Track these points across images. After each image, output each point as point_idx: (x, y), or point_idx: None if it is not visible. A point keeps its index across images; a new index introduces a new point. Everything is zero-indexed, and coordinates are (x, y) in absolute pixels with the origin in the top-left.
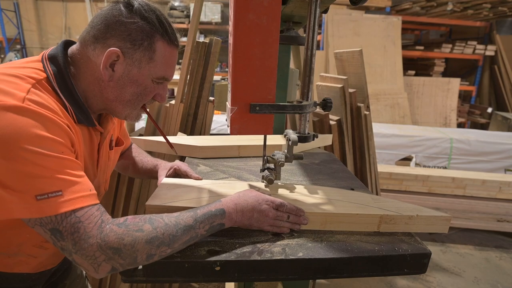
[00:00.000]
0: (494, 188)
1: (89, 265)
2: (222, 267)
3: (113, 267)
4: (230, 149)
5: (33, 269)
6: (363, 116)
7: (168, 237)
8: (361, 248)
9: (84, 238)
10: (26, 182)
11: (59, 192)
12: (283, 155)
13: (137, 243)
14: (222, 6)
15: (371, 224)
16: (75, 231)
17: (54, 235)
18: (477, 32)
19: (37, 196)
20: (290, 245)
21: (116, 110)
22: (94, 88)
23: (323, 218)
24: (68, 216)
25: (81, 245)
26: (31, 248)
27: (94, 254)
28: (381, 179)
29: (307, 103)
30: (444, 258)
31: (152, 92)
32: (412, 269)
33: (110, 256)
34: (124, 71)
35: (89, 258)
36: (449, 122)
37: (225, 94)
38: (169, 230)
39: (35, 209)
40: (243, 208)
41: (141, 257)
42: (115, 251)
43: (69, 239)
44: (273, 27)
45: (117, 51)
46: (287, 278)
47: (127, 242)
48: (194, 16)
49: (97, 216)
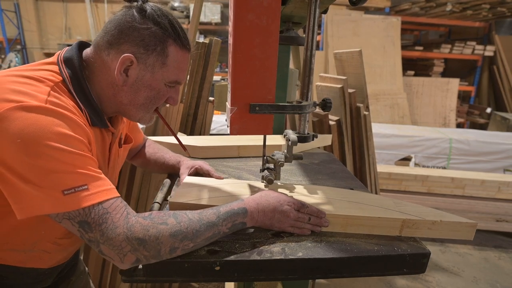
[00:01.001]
0: (493, 188)
1: (115, 255)
2: (222, 267)
3: (138, 258)
4: (230, 149)
5: (46, 264)
6: (362, 116)
7: (192, 232)
8: (360, 248)
9: (112, 228)
10: (52, 178)
11: (84, 186)
12: (282, 155)
13: (161, 236)
14: (221, 7)
15: (393, 228)
16: (103, 222)
17: (83, 228)
18: (476, 33)
19: (64, 191)
20: (289, 245)
21: (129, 113)
22: (108, 91)
23: (344, 221)
24: (96, 208)
25: (109, 235)
26: (46, 244)
27: (120, 244)
28: (380, 179)
29: (306, 103)
30: (443, 258)
31: (165, 95)
32: (412, 269)
33: (135, 247)
34: (138, 76)
35: (115, 248)
36: (448, 122)
37: (225, 94)
38: (193, 225)
39: (63, 204)
40: (264, 208)
41: (165, 249)
42: (140, 242)
43: (97, 230)
44: (273, 27)
45: (131, 57)
46: (286, 278)
47: (152, 233)
48: (194, 16)
49: (122, 207)
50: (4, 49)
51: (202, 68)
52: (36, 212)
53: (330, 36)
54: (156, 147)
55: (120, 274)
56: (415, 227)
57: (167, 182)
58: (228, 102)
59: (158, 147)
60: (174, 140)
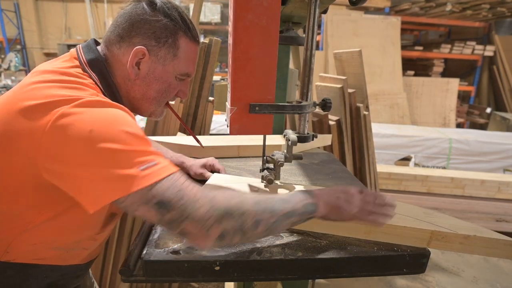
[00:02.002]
0: (493, 188)
1: (200, 230)
2: (222, 267)
3: (223, 232)
4: (230, 149)
5: (83, 260)
6: (362, 116)
7: (270, 204)
8: (360, 248)
9: (192, 201)
10: (128, 158)
11: (154, 161)
12: (282, 155)
13: (244, 204)
14: (221, 7)
15: (420, 239)
16: (181, 198)
17: (161, 209)
18: (476, 33)
19: (140, 167)
20: (289, 245)
21: (142, 108)
22: (123, 90)
23: (368, 227)
24: (171, 186)
25: (191, 209)
26: (86, 242)
27: (204, 216)
28: (380, 179)
29: (306, 103)
30: (443, 258)
31: (175, 88)
32: (411, 269)
33: (219, 218)
34: (150, 69)
35: (199, 222)
36: (448, 122)
37: (224, 94)
38: (269, 200)
39: (143, 180)
40: (326, 190)
41: (249, 221)
42: (224, 212)
43: (177, 207)
44: (273, 28)
45: (143, 49)
46: (286, 278)
47: (234, 202)
48: (194, 16)
49: (195, 185)
50: (4, 49)
51: (202, 68)
52: (112, 197)
53: (330, 36)
54: (156, 146)
55: (120, 274)
56: (445, 240)
57: None
58: (228, 102)
59: (157, 146)
60: (174, 140)
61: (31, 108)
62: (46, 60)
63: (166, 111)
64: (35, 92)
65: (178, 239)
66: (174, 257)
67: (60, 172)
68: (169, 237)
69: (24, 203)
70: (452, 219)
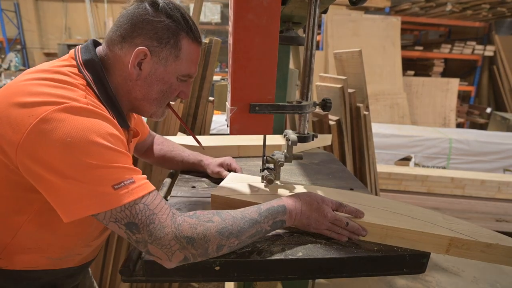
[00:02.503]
0: (493, 188)
1: (163, 254)
2: (222, 267)
3: (186, 256)
4: (230, 149)
5: (77, 263)
6: (362, 116)
7: (236, 229)
8: (360, 248)
9: (160, 228)
10: (102, 174)
11: (131, 179)
12: (282, 155)
13: (209, 233)
14: (221, 7)
15: (438, 245)
16: (150, 222)
17: (130, 229)
18: (476, 33)
19: (115, 185)
20: (289, 244)
21: (143, 109)
22: (123, 88)
23: (384, 231)
24: (142, 210)
25: (157, 235)
26: (80, 249)
27: (169, 243)
28: (380, 179)
29: (306, 103)
30: (443, 258)
31: (177, 89)
32: (411, 269)
33: (183, 246)
34: (151, 70)
35: (164, 247)
36: (448, 122)
37: (224, 94)
38: (237, 222)
39: (114, 198)
40: (301, 206)
41: (212, 247)
42: (189, 240)
43: (145, 231)
44: (273, 27)
45: (145, 49)
46: (286, 278)
47: (200, 231)
48: (194, 16)
49: (167, 208)
50: (4, 49)
51: (202, 68)
52: (85, 212)
53: (330, 36)
54: (171, 145)
55: (120, 273)
56: (466, 247)
57: (166, 182)
58: (228, 102)
59: (173, 144)
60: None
61: (18, 104)
62: (46, 60)
63: (167, 112)
64: (25, 88)
65: None
66: None
67: (37, 173)
68: None
69: (6, 204)
70: (473, 226)
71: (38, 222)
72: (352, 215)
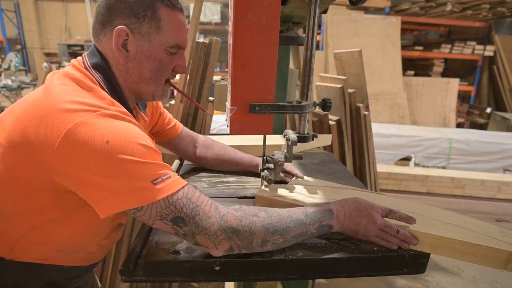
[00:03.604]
0: (493, 188)
1: (210, 243)
2: (222, 267)
3: (231, 246)
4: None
5: (86, 262)
6: (362, 116)
7: (282, 227)
8: (360, 248)
9: (205, 218)
10: (141, 170)
11: (167, 175)
12: (282, 155)
13: (254, 226)
14: (221, 6)
15: (496, 260)
16: (195, 214)
17: (177, 224)
18: (476, 33)
19: (153, 181)
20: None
21: (142, 91)
22: (120, 78)
23: (435, 242)
24: (186, 203)
25: (204, 226)
26: (91, 247)
27: (215, 233)
28: (380, 179)
29: (306, 103)
30: (443, 258)
31: (169, 64)
32: (411, 269)
33: (229, 236)
34: (137, 48)
35: (211, 237)
36: (448, 122)
37: (224, 94)
38: (283, 220)
39: (154, 192)
40: (351, 212)
41: (256, 241)
42: (234, 231)
43: (192, 223)
44: (273, 27)
45: (124, 28)
46: (286, 278)
47: (245, 223)
48: (194, 16)
49: (208, 200)
50: (4, 49)
51: (202, 68)
52: (126, 207)
53: (330, 36)
54: (223, 146)
55: (120, 274)
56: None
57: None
58: (228, 102)
59: (225, 146)
60: None
61: (50, 115)
62: (46, 60)
63: (170, 90)
64: (54, 98)
65: (178, 240)
66: (174, 257)
67: (74, 176)
68: (169, 237)
69: (30, 203)
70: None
71: (57, 222)
72: (403, 222)
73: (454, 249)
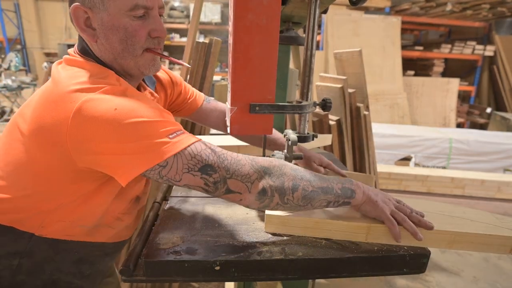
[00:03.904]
0: (493, 188)
1: (243, 186)
2: (222, 267)
3: (264, 187)
4: (230, 149)
5: (110, 238)
6: (362, 116)
7: (308, 176)
8: (360, 248)
9: (235, 162)
10: (156, 128)
11: (181, 130)
12: (282, 155)
13: (284, 167)
14: (222, 6)
15: (502, 246)
16: (224, 159)
17: (205, 173)
18: (476, 33)
19: (169, 135)
20: (289, 244)
21: (125, 68)
22: (107, 62)
23: (452, 237)
24: (210, 152)
25: (235, 168)
26: (110, 219)
27: (248, 172)
28: (380, 179)
29: (306, 103)
30: (443, 258)
31: (137, 30)
32: (412, 269)
33: (261, 175)
34: (99, 22)
35: (243, 178)
36: (448, 122)
37: (224, 94)
38: (308, 173)
39: (175, 145)
40: (368, 188)
41: (288, 183)
42: (266, 170)
43: (221, 168)
44: (273, 27)
45: (78, 5)
46: (286, 278)
47: (275, 164)
48: (194, 16)
49: (227, 151)
50: (4, 49)
51: (202, 68)
52: (149, 165)
53: (330, 36)
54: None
55: (120, 274)
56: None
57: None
58: (228, 102)
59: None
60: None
61: (59, 99)
62: (46, 60)
63: (158, 59)
64: (62, 83)
65: (178, 240)
66: (174, 257)
67: (91, 151)
68: (169, 237)
69: (54, 185)
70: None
71: (78, 200)
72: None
73: (469, 242)
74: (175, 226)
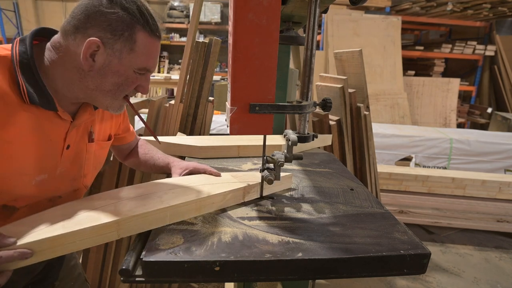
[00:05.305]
0: (493, 189)
1: None
2: (222, 267)
3: None
4: (230, 149)
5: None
6: (362, 116)
7: None
8: (360, 248)
9: None
10: None
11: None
12: (282, 155)
13: None
14: (221, 6)
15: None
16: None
17: None
18: (477, 32)
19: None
20: (289, 245)
21: (96, 99)
22: (73, 76)
23: (198, 204)
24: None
25: None
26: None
27: None
28: (380, 179)
29: (306, 103)
30: (444, 259)
31: (133, 83)
32: (412, 269)
33: None
34: (105, 62)
35: None
36: (449, 122)
37: (224, 94)
38: None
39: None
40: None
41: None
42: None
43: None
44: (273, 27)
45: (97, 41)
46: (286, 278)
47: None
48: (194, 16)
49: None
50: None
51: (202, 68)
52: None
53: (330, 35)
54: (147, 148)
55: (120, 274)
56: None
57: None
58: (228, 102)
59: (149, 147)
60: (174, 140)
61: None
62: None
63: (125, 105)
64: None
65: (178, 240)
66: (174, 257)
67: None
68: (169, 237)
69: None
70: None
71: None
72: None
73: (212, 203)
74: (174, 227)
